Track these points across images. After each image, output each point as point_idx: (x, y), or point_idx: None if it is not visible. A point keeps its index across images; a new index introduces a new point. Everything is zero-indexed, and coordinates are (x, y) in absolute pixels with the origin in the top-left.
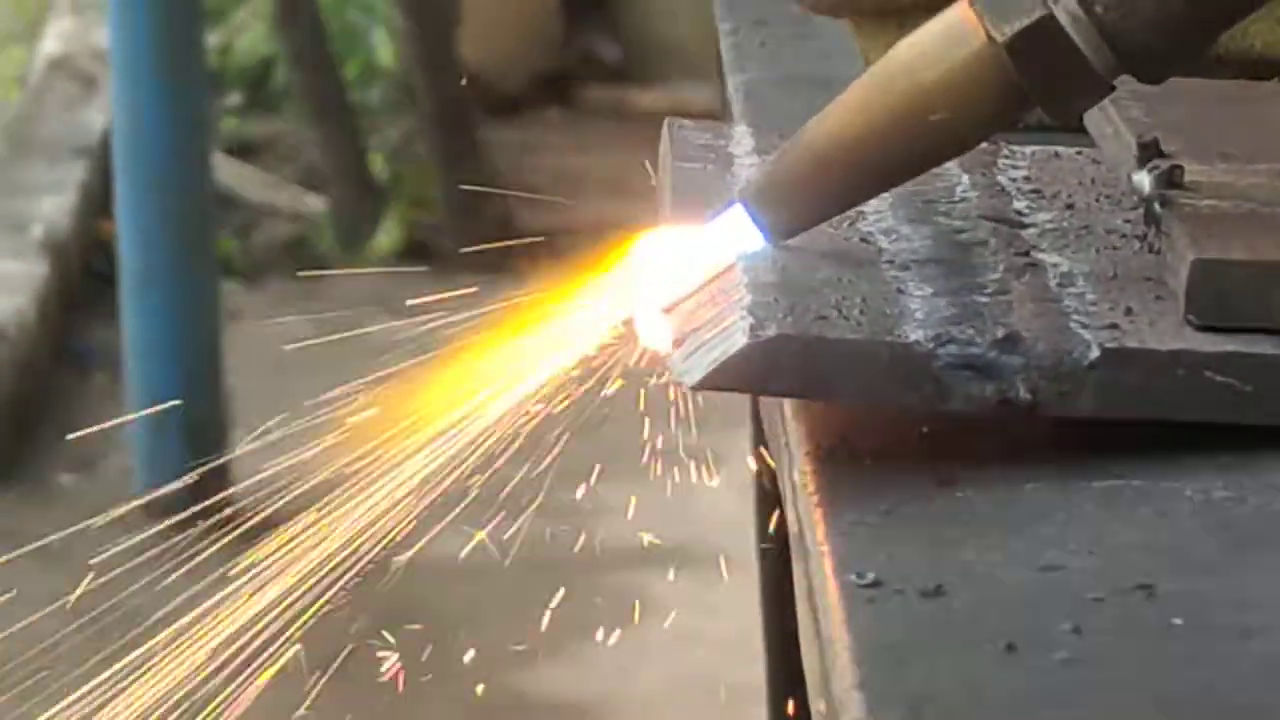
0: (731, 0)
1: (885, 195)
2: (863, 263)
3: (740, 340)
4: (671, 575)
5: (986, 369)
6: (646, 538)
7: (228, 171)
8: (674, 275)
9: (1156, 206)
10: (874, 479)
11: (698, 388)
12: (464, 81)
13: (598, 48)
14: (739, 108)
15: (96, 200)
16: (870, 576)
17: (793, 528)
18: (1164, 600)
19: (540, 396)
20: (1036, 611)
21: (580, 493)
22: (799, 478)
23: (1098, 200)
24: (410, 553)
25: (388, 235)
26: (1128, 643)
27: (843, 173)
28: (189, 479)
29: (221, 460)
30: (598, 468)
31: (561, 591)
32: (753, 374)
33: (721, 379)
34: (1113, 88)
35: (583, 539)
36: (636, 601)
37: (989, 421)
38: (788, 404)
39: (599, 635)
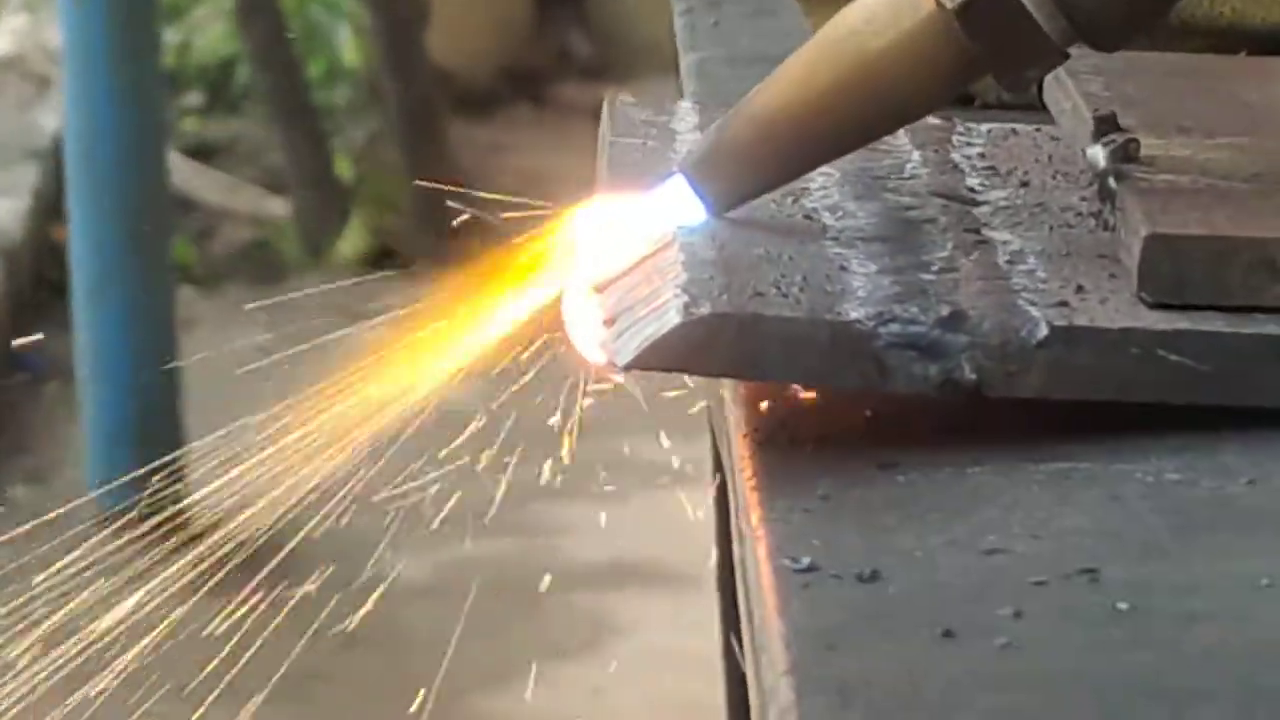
0: None
1: (831, 170)
2: (805, 239)
3: (674, 318)
4: (644, 593)
5: (930, 348)
6: (618, 554)
7: (186, 174)
8: (609, 251)
9: (1111, 181)
10: (813, 463)
11: (629, 367)
12: (432, 80)
13: (571, 44)
14: (690, 87)
15: (49, 204)
16: (805, 562)
17: (733, 517)
18: (1108, 585)
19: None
20: (976, 597)
21: (546, 508)
22: (736, 463)
23: (1054, 177)
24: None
25: (353, 240)
26: (1069, 628)
27: (786, 143)
28: (143, 492)
29: (176, 472)
30: (560, 481)
31: (531, 611)
32: (686, 353)
33: (654, 358)
34: (1066, 55)
35: (551, 557)
36: (607, 621)
37: (932, 403)
38: (725, 387)
39: (570, 656)
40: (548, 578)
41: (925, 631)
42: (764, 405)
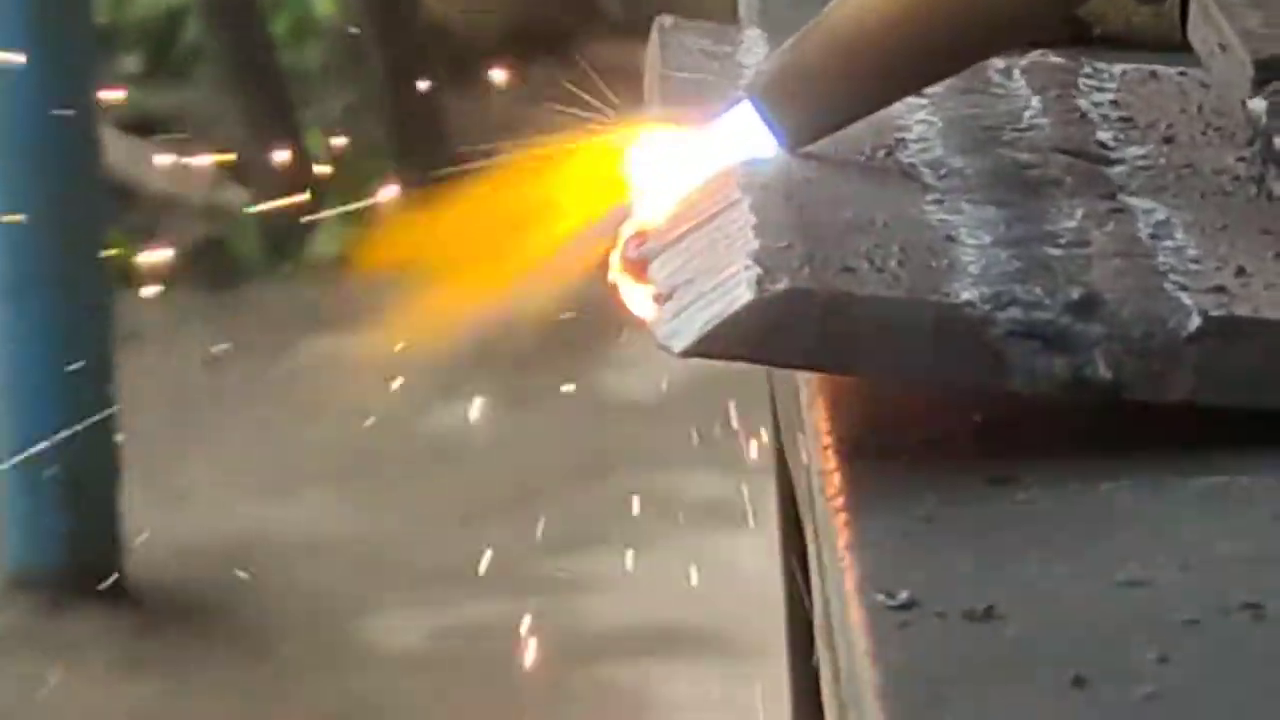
0: None
1: (933, 118)
2: (903, 201)
3: (744, 295)
4: (691, 665)
5: (1057, 339)
6: (652, 618)
7: (123, 155)
8: (662, 204)
9: (1277, 140)
10: (911, 477)
11: (687, 354)
12: (426, 38)
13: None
14: (752, 17)
15: None
16: (903, 596)
17: (810, 544)
18: (1276, 623)
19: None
20: (1112, 637)
21: (568, 561)
22: (816, 477)
23: (1204, 133)
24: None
25: (328, 235)
26: (1227, 675)
27: (873, 62)
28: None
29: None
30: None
31: (547, 690)
32: (758, 339)
33: (718, 344)
34: None
35: (570, 620)
36: (645, 700)
37: (1058, 406)
38: (804, 383)
39: None
40: (567, 645)
41: (1051, 680)
42: (850, 402)
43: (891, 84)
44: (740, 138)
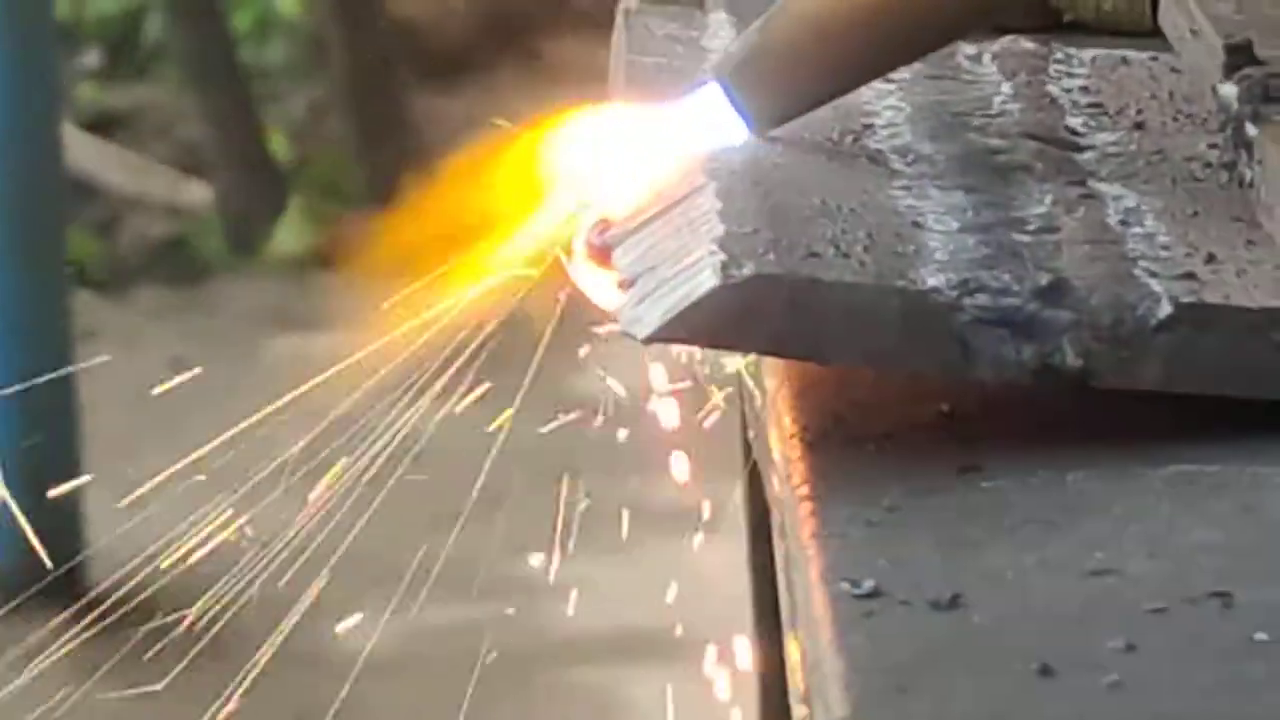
0: None
1: (901, 104)
2: (869, 187)
3: (708, 281)
4: (660, 669)
5: (1025, 326)
6: (626, 621)
7: (84, 151)
8: (625, 190)
9: (1248, 126)
10: (878, 466)
11: (651, 340)
12: (390, 34)
13: None
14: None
15: None
16: (869, 585)
17: (777, 534)
18: (1243, 611)
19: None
20: (1080, 626)
21: (538, 564)
22: (782, 465)
23: (1175, 119)
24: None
25: (291, 233)
26: (1194, 664)
27: (843, 43)
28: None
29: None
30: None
31: (520, 693)
32: (723, 325)
33: (682, 330)
34: None
35: (540, 624)
36: (611, 702)
37: (1025, 394)
38: (770, 371)
39: None
40: (541, 650)
41: (1018, 668)
42: (817, 390)
43: (861, 66)
44: (706, 121)
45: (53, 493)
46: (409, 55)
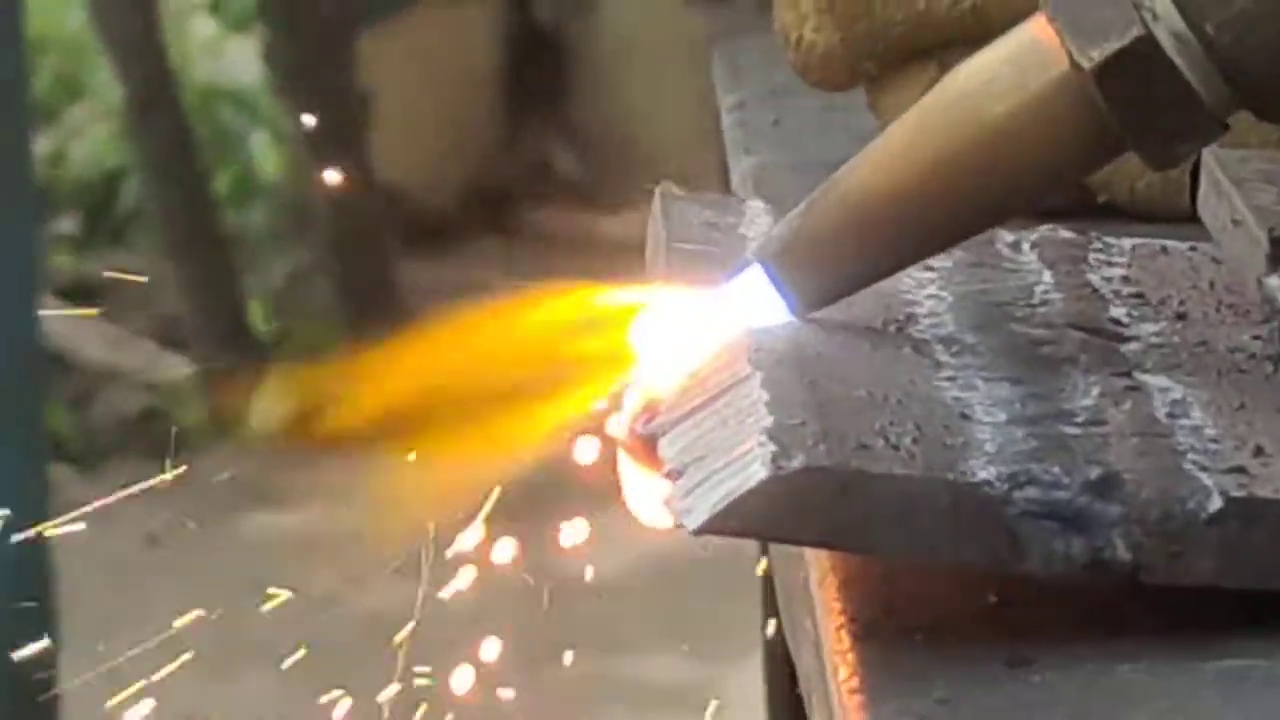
0: (735, 66)
1: (943, 294)
2: (915, 378)
3: (758, 473)
4: None
5: (1075, 520)
6: None
7: (60, 322)
8: (669, 375)
9: None
10: (927, 658)
11: (701, 531)
12: (375, 201)
13: (551, 156)
14: (748, 187)
15: None
16: None
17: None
18: None
19: None
20: None
21: None
22: (829, 659)
23: (1218, 309)
24: None
25: (271, 407)
26: None
27: (885, 226)
28: None
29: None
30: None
31: None
32: (773, 517)
33: (732, 522)
34: (1226, 127)
35: None
36: None
37: (1072, 586)
38: (814, 562)
39: None
40: None
41: None
42: (864, 582)
43: (909, 248)
44: (748, 304)
45: (18, 655)
46: (394, 222)
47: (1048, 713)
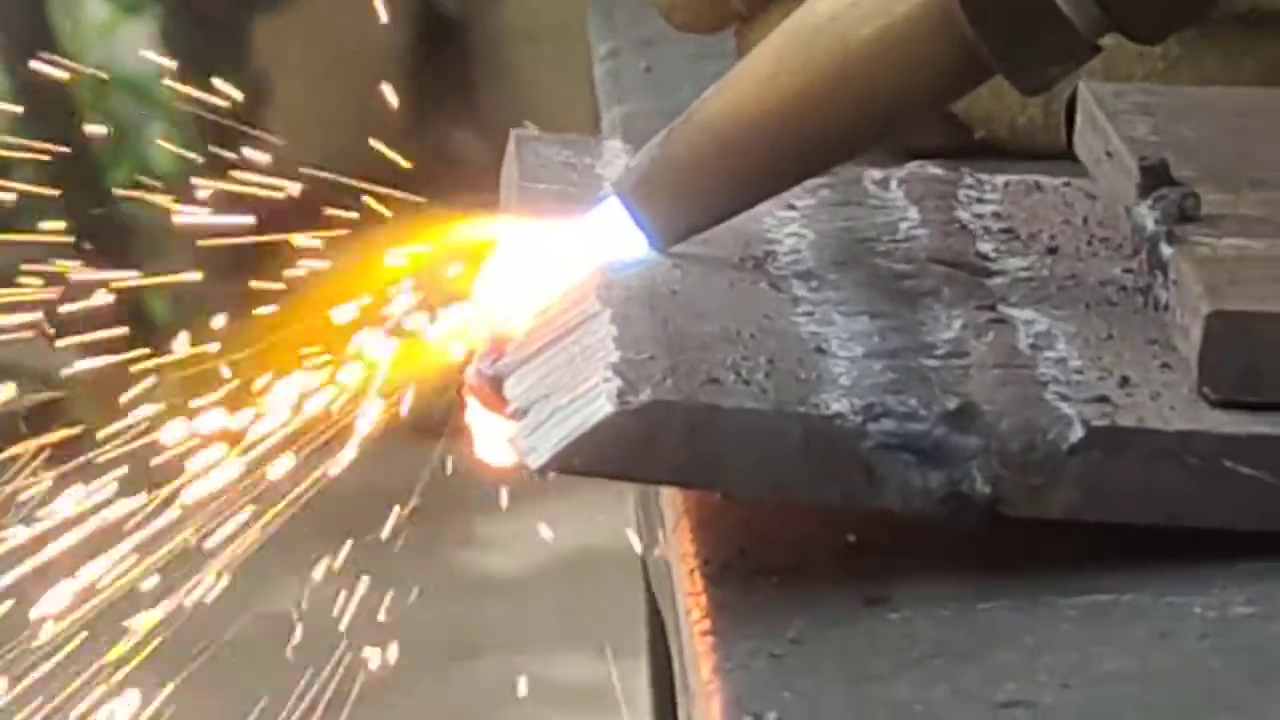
0: (610, 17)
1: (804, 232)
2: (771, 313)
3: (604, 408)
4: None
5: (932, 452)
6: None
7: None
8: (517, 313)
9: (1163, 247)
10: (781, 598)
11: (545, 470)
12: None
13: (454, 142)
14: (615, 130)
15: None
16: (771, 718)
17: (677, 670)
18: None
19: None
20: None
21: None
22: (681, 600)
23: (1089, 244)
24: None
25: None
26: None
27: (748, 155)
28: None
29: None
30: None
31: None
32: (620, 455)
33: (578, 459)
34: (1096, 49)
35: None
36: None
37: (937, 525)
38: (668, 502)
39: None
40: None
41: None
42: (717, 522)
43: (772, 177)
44: (605, 238)
45: None
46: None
47: (906, 650)
